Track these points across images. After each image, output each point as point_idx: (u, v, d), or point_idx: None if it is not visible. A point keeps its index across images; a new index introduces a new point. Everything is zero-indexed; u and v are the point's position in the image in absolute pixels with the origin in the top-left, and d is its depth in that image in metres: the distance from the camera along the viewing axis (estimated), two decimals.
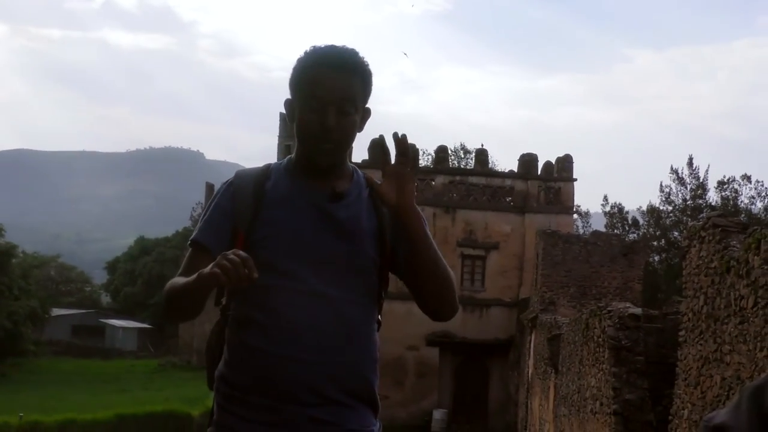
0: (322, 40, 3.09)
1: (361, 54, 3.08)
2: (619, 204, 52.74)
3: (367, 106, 3.14)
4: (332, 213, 3.04)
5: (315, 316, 2.95)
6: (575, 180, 43.93)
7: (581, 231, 49.56)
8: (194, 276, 2.81)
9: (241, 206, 3.06)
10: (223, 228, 3.06)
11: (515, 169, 44.46)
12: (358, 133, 3.13)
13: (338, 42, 3.09)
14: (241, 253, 2.68)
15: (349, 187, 3.12)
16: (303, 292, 2.96)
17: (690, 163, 48.75)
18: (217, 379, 3.12)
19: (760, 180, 47.96)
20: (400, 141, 2.85)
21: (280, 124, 73.49)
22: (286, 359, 2.93)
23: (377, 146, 3.00)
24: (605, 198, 52.84)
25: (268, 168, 3.19)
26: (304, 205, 3.04)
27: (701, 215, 34.04)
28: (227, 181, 3.19)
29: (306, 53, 3.05)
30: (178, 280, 2.97)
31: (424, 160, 54.96)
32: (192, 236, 3.12)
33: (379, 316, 3.21)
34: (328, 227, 3.02)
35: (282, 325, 2.96)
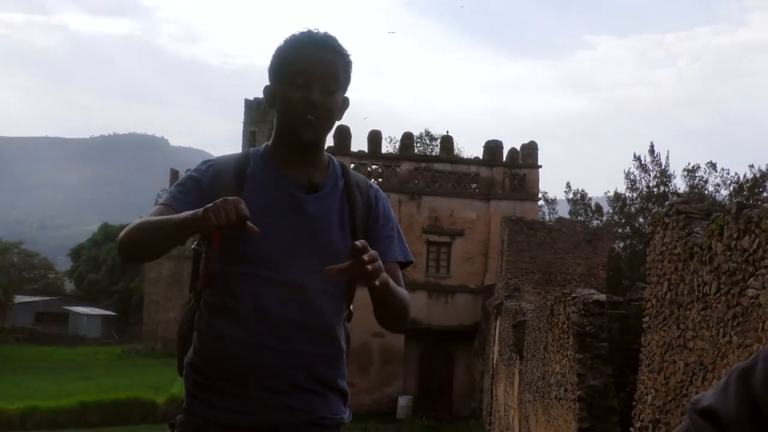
0: (286, 28, 3.08)
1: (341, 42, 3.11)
2: (582, 191, 52.98)
3: (345, 95, 3.16)
4: (304, 205, 3.04)
5: (286, 306, 2.96)
6: (540, 167, 44.03)
7: (547, 218, 49.72)
8: (183, 213, 2.75)
9: (220, 189, 3.00)
10: (197, 203, 2.95)
11: (480, 156, 44.45)
12: (336, 121, 3.14)
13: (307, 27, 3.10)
14: (235, 199, 2.65)
15: (325, 178, 3.12)
16: (275, 281, 2.96)
17: (651, 150, 49.08)
18: (186, 366, 3.13)
19: (725, 168, 48.41)
20: (359, 248, 2.67)
21: (244, 110, 73.42)
22: (256, 347, 2.93)
23: (341, 132, 3.00)
24: (568, 185, 53.10)
25: (247, 154, 3.18)
26: (279, 195, 3.04)
27: (667, 202, 34.26)
28: (207, 161, 3.19)
29: (288, 38, 3.06)
30: (152, 217, 2.88)
31: (390, 147, 54.94)
32: (164, 199, 3.05)
33: (351, 307, 3.25)
34: (300, 218, 3.03)
35: (253, 314, 2.96)
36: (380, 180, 41.96)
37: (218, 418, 2.98)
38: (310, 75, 2.98)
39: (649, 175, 48.77)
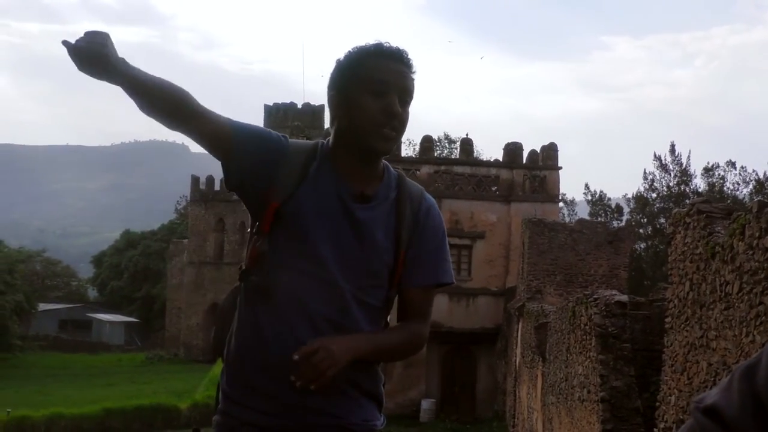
0: (302, 33, 3.04)
1: None
2: (601, 191, 52.89)
3: None
4: (354, 212, 3.02)
5: (324, 303, 2.96)
6: (560, 168, 43.92)
7: (567, 219, 49.64)
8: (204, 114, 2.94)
9: (285, 174, 3.02)
10: (254, 154, 2.99)
11: (500, 158, 44.39)
12: None
13: (323, 33, 3.06)
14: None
15: (378, 188, 3.09)
16: (316, 278, 2.96)
17: (672, 149, 48.96)
18: (225, 362, 3.13)
19: (744, 166, 48.22)
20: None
21: (264, 116, 73.53)
22: (292, 340, 2.91)
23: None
24: (586, 186, 53.09)
25: (315, 148, 3.12)
26: (332, 199, 3.02)
27: (686, 201, 34.11)
28: (284, 136, 3.12)
29: (358, 49, 3.03)
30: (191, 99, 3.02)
31: (410, 151, 54.95)
32: (231, 121, 3.02)
33: (388, 318, 3.21)
34: (349, 224, 3.01)
35: (292, 305, 2.96)
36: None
37: (250, 419, 2.98)
38: (388, 85, 2.95)
39: (670, 174, 48.65)
